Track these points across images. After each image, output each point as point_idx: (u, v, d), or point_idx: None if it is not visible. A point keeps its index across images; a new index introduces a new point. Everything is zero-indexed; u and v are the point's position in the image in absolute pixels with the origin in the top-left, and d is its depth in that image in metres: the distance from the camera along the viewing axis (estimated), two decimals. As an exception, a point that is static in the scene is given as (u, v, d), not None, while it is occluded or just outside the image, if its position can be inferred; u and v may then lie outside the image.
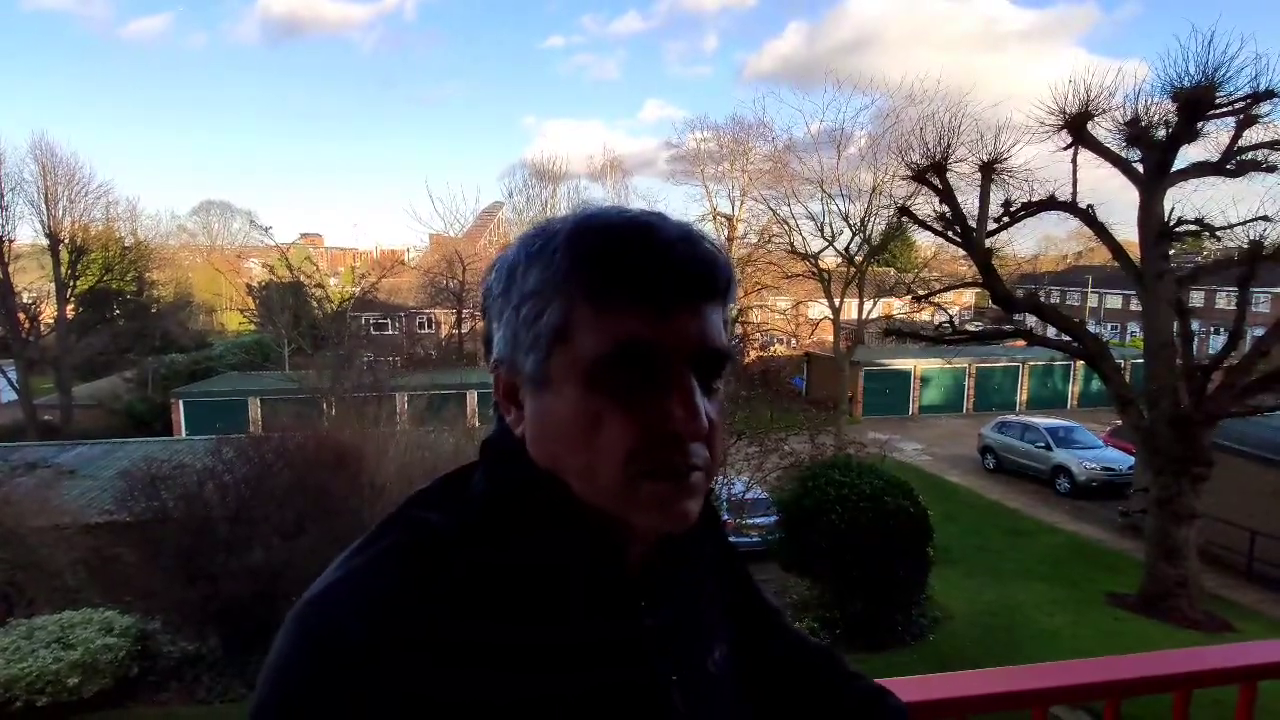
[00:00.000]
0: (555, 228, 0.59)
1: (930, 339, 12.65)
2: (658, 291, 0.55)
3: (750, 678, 0.77)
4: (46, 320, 26.21)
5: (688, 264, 0.57)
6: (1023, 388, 26.88)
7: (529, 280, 0.58)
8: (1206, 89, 9.25)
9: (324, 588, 0.56)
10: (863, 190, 23.12)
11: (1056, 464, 16.67)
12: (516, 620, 0.56)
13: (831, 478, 9.16)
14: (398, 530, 0.60)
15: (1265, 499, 11.58)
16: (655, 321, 0.55)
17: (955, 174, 11.42)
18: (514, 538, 0.58)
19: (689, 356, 0.57)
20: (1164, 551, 9.88)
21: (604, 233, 0.57)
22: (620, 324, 0.55)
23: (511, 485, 0.60)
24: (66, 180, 26.37)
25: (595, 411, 0.56)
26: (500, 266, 0.61)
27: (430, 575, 0.55)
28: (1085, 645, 9.00)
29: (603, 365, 0.55)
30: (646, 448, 0.56)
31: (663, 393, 0.56)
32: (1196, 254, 13.29)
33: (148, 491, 8.12)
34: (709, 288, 0.58)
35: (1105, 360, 10.67)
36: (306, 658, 0.53)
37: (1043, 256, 34.73)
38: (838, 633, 8.72)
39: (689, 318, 0.57)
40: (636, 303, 0.55)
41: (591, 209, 0.59)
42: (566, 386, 0.57)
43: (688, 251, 0.57)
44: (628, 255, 0.55)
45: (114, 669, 7.36)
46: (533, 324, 0.57)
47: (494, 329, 0.61)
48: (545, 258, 0.57)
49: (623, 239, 0.56)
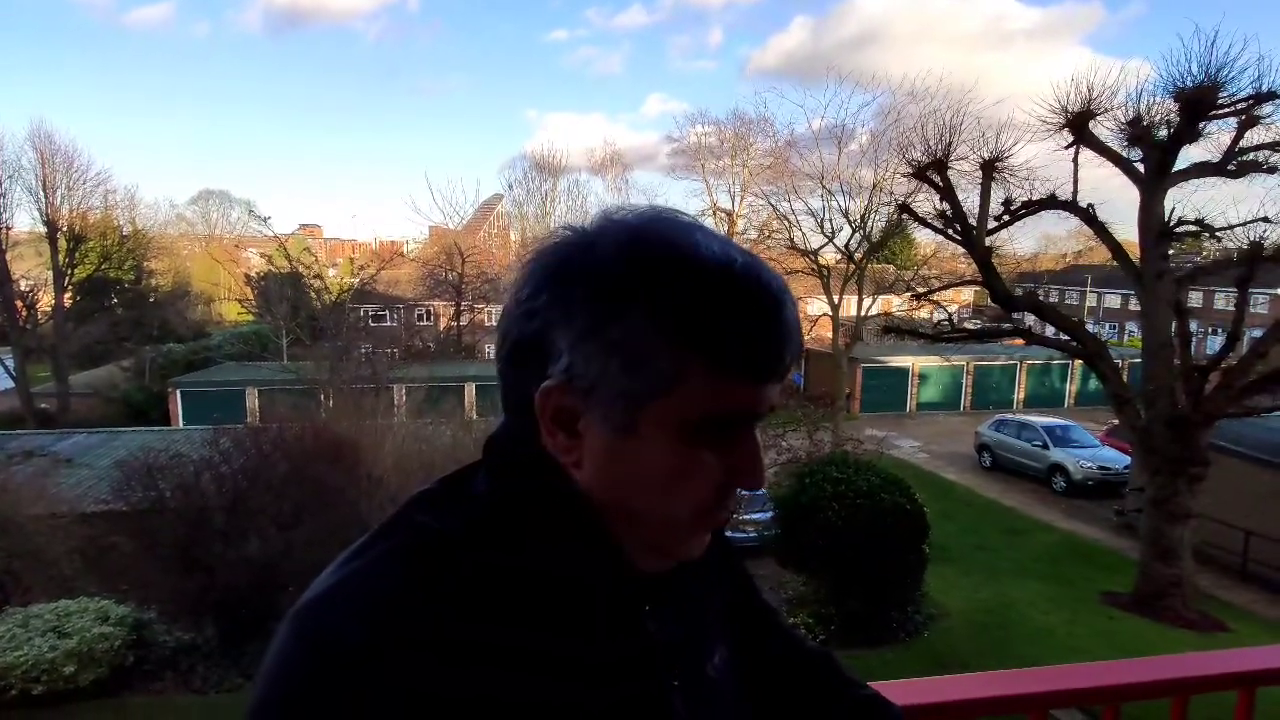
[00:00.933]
0: (656, 261, 0.55)
1: (929, 337, 12.66)
2: (767, 368, 0.57)
3: (748, 680, 0.77)
4: (44, 308, 26.16)
5: (789, 340, 0.57)
6: (1020, 386, 26.93)
7: (634, 318, 0.54)
8: (1209, 89, 9.24)
9: (324, 589, 0.55)
10: (863, 187, 23.13)
11: (1053, 462, 16.72)
12: (521, 624, 0.56)
13: (829, 474, 9.17)
14: (400, 532, 0.59)
15: (1261, 499, 11.62)
16: (757, 390, 0.57)
17: (956, 172, 11.42)
18: (526, 543, 0.58)
19: (760, 416, 0.60)
20: (1159, 551, 9.92)
21: (722, 293, 0.54)
22: (733, 392, 0.56)
23: (529, 492, 0.60)
24: (65, 168, 26.33)
25: (688, 464, 0.57)
26: (588, 279, 0.55)
27: (434, 577, 0.55)
28: (1080, 644, 9.04)
29: (704, 425, 0.56)
30: (723, 499, 0.60)
31: (739, 448, 0.58)
32: (1196, 254, 13.30)
33: (144, 481, 8.12)
34: (795, 359, 0.60)
35: (1103, 360, 10.68)
36: (306, 659, 0.52)
37: (1042, 255, 34.70)
38: (833, 629, 8.74)
39: (777, 385, 0.59)
40: (750, 377, 0.56)
41: (690, 238, 0.56)
42: (659, 436, 0.56)
43: (789, 326, 0.57)
44: (748, 330, 0.55)
45: (110, 658, 7.36)
46: (633, 370, 0.54)
47: (556, 338, 0.55)
48: (655, 304, 0.54)
49: (743, 308, 0.55)
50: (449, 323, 30.55)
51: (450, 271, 29.57)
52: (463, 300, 29.59)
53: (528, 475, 0.60)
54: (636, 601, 0.62)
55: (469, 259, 29.53)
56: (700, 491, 0.58)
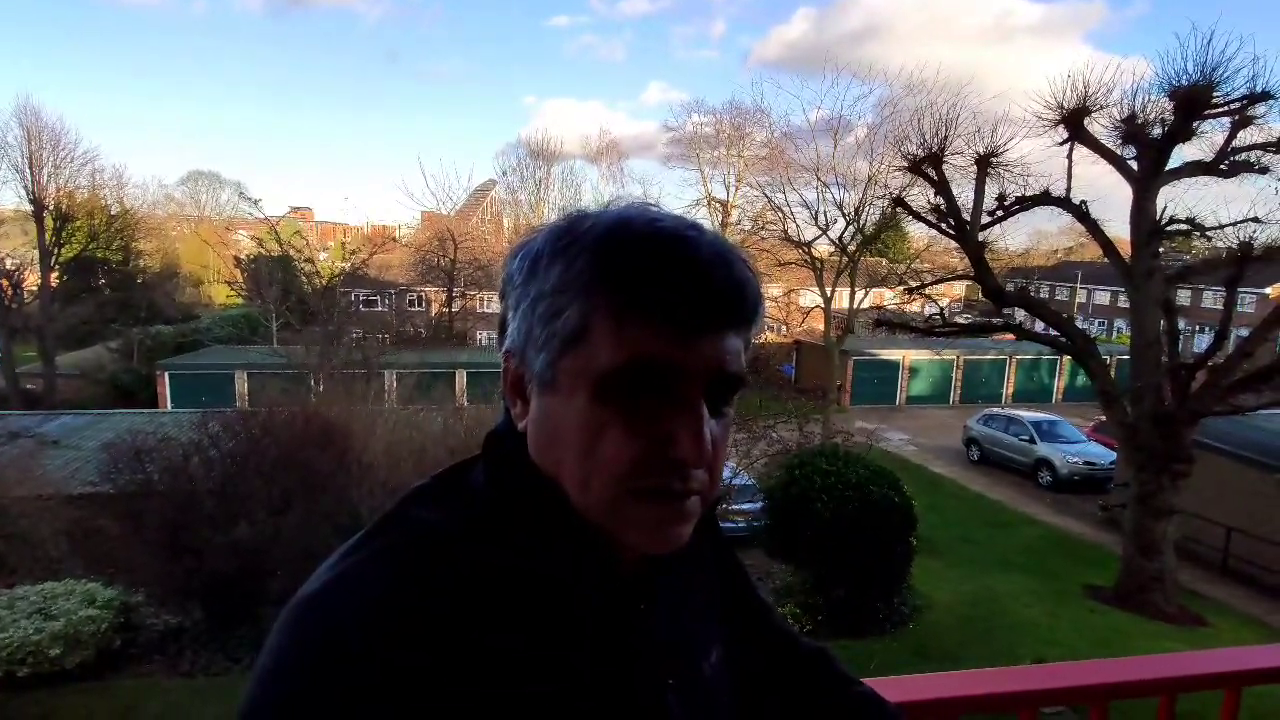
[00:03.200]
0: (586, 224, 0.57)
1: (920, 330, 12.71)
2: (682, 313, 0.54)
3: (744, 677, 0.77)
4: (30, 288, 25.84)
5: (717, 287, 0.55)
6: (1009, 381, 27.11)
7: (551, 275, 0.56)
8: (1204, 88, 9.27)
9: (320, 585, 0.55)
10: (858, 180, 23.10)
11: (1039, 457, 16.86)
12: (517, 623, 0.55)
13: (818, 466, 9.22)
14: (396, 529, 0.58)
15: (1243, 497, 11.77)
16: (676, 342, 0.54)
17: (951, 166, 11.42)
18: (522, 540, 0.58)
19: (704, 380, 0.56)
20: (1141, 546, 10.04)
21: (637, 241, 0.55)
22: (640, 340, 0.54)
23: (513, 486, 0.60)
24: (52, 145, 25.95)
25: (600, 423, 0.55)
26: (524, 254, 0.59)
27: (431, 574, 0.54)
28: (1061, 636, 9.17)
29: (614, 378, 0.54)
30: (645, 468, 0.55)
31: (672, 414, 0.55)
32: (1186, 253, 13.38)
33: (131, 464, 8.06)
34: (735, 313, 0.57)
35: (1092, 356, 10.76)
36: (302, 657, 0.51)
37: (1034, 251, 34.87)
38: (820, 619, 8.82)
39: (710, 342, 0.56)
40: (659, 321, 0.54)
41: (630, 210, 0.58)
42: (575, 392, 0.56)
43: (720, 274, 0.55)
44: (657, 270, 0.54)
45: (96, 640, 7.33)
46: (548, 322, 0.56)
47: (510, 316, 0.60)
48: (571, 255, 0.56)
49: (655, 251, 0.54)
50: (440, 309, 30.40)
51: (442, 257, 29.39)
52: (455, 286, 29.43)
53: (523, 471, 0.59)
54: (629, 600, 0.61)
55: (461, 245, 29.35)
56: (614, 454, 0.54)
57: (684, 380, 0.55)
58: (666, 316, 0.53)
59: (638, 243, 0.55)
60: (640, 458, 0.54)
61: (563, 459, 0.57)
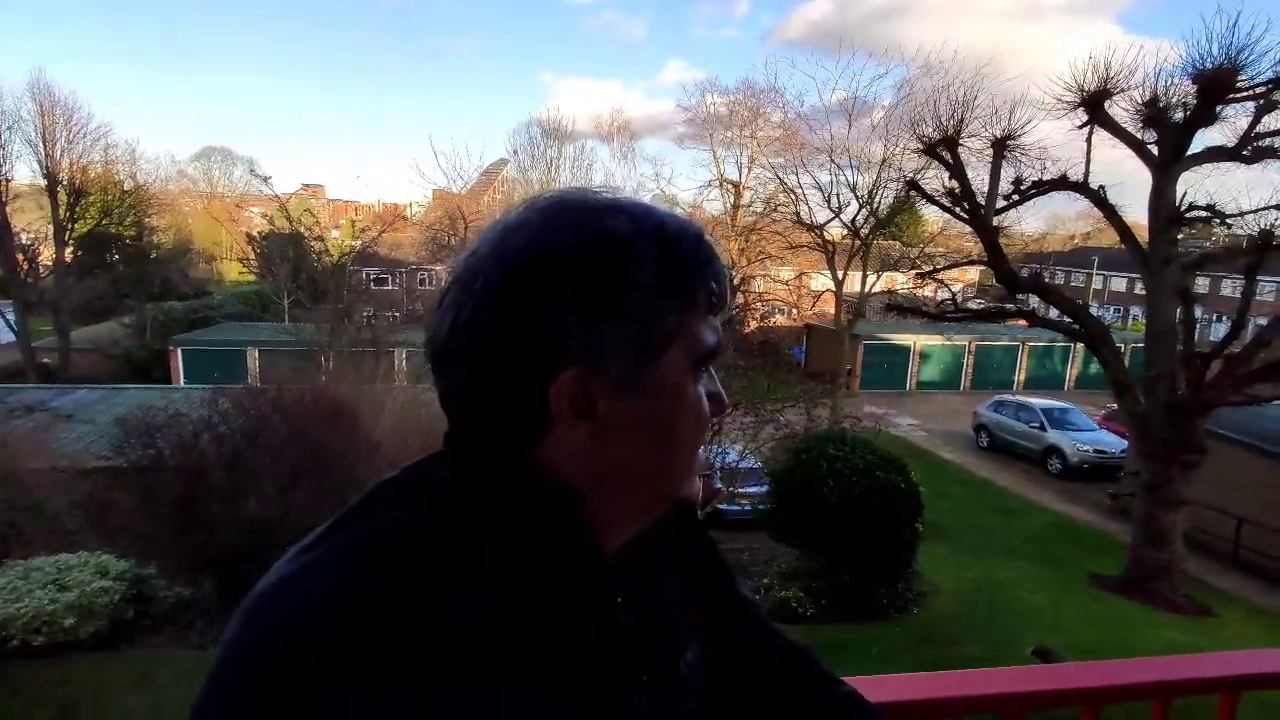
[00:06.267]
0: (646, 226, 0.58)
1: (932, 315, 12.58)
2: (723, 299, 0.62)
3: (724, 674, 0.76)
4: (45, 262, 26.07)
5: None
6: (1021, 367, 26.89)
7: (639, 283, 0.57)
8: (1228, 72, 9.03)
9: (276, 581, 0.53)
10: (872, 162, 22.78)
11: (1049, 444, 16.77)
12: (488, 621, 0.54)
13: (825, 450, 9.19)
14: (363, 522, 0.56)
15: (1255, 488, 11.66)
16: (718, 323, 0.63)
17: (967, 149, 11.24)
18: (501, 536, 0.56)
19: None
20: (1150, 535, 9.98)
21: (694, 238, 0.60)
22: (712, 327, 0.61)
23: (505, 484, 0.57)
24: (65, 120, 26.00)
25: (695, 405, 0.61)
26: (572, 265, 0.56)
27: (395, 573, 0.52)
28: (1066, 624, 9.14)
29: (704, 361, 0.61)
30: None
31: (709, 380, 0.63)
32: (1205, 240, 13.15)
33: (144, 439, 8.16)
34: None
35: (1105, 344, 10.63)
36: (258, 654, 0.50)
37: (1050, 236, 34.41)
38: (823, 603, 8.84)
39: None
40: (720, 308, 0.62)
41: (633, 204, 0.61)
42: (682, 383, 0.60)
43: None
44: (718, 266, 0.61)
45: (109, 611, 7.46)
46: (645, 327, 0.57)
47: (558, 323, 0.55)
48: (669, 256, 0.58)
49: (710, 250, 0.61)
50: (451, 287, 30.36)
51: (453, 236, 29.36)
52: (465, 265, 29.32)
53: (505, 466, 0.57)
54: (609, 594, 0.60)
55: (472, 224, 29.28)
56: (703, 427, 0.62)
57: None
58: (720, 303, 0.61)
59: (695, 240, 0.60)
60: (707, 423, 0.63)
61: (676, 452, 0.61)
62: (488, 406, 0.57)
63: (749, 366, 13.04)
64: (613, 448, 0.57)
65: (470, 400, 0.58)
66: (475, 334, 0.56)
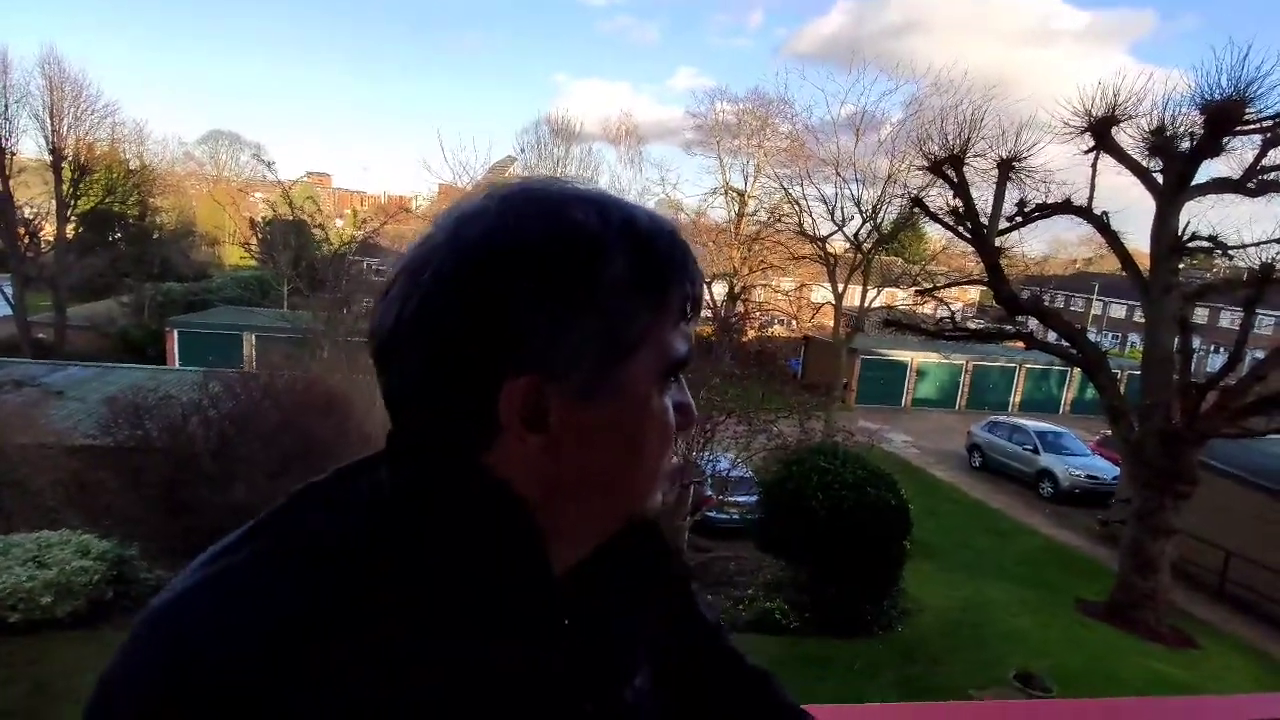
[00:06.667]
0: (614, 220, 0.53)
1: (930, 333, 12.57)
2: (698, 303, 0.58)
3: (679, 701, 0.73)
4: (47, 238, 25.99)
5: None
6: (1017, 389, 26.90)
7: (607, 278, 0.52)
8: (1236, 104, 9.05)
9: (180, 591, 0.48)
10: (878, 177, 22.80)
11: (1042, 468, 16.75)
12: (420, 640, 0.49)
13: (816, 463, 9.16)
14: (282, 530, 0.51)
15: (1245, 521, 11.65)
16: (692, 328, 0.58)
17: (972, 169, 11.24)
18: (440, 549, 0.51)
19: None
20: (1138, 564, 9.96)
21: (669, 236, 0.56)
22: (686, 332, 0.57)
23: (449, 492, 0.52)
24: (73, 96, 25.92)
25: (661, 415, 0.56)
26: (548, 253, 0.51)
27: (320, 585, 0.47)
28: (1050, 648, 9.11)
29: (671, 370, 0.56)
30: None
31: (677, 390, 0.59)
32: (1206, 271, 13.16)
33: (131, 420, 8.10)
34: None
35: (1102, 370, 10.63)
36: (145, 671, 0.45)
37: (1052, 259, 34.45)
38: (807, 615, 8.80)
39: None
40: (693, 311, 0.57)
41: (600, 195, 0.56)
42: (647, 392, 0.55)
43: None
44: (694, 266, 0.57)
45: (88, 591, 7.39)
46: (618, 325, 0.53)
47: (524, 326, 0.50)
48: (641, 254, 0.54)
49: (686, 250, 0.57)
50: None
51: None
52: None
53: (450, 469, 0.52)
54: (557, 616, 0.56)
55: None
56: (669, 439, 0.57)
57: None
58: (695, 308, 0.57)
59: (669, 238, 0.56)
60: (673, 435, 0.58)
61: (637, 465, 0.56)
62: (433, 408, 0.52)
63: (745, 375, 13.00)
64: (568, 459, 0.53)
65: (414, 400, 0.53)
66: (422, 328, 0.51)
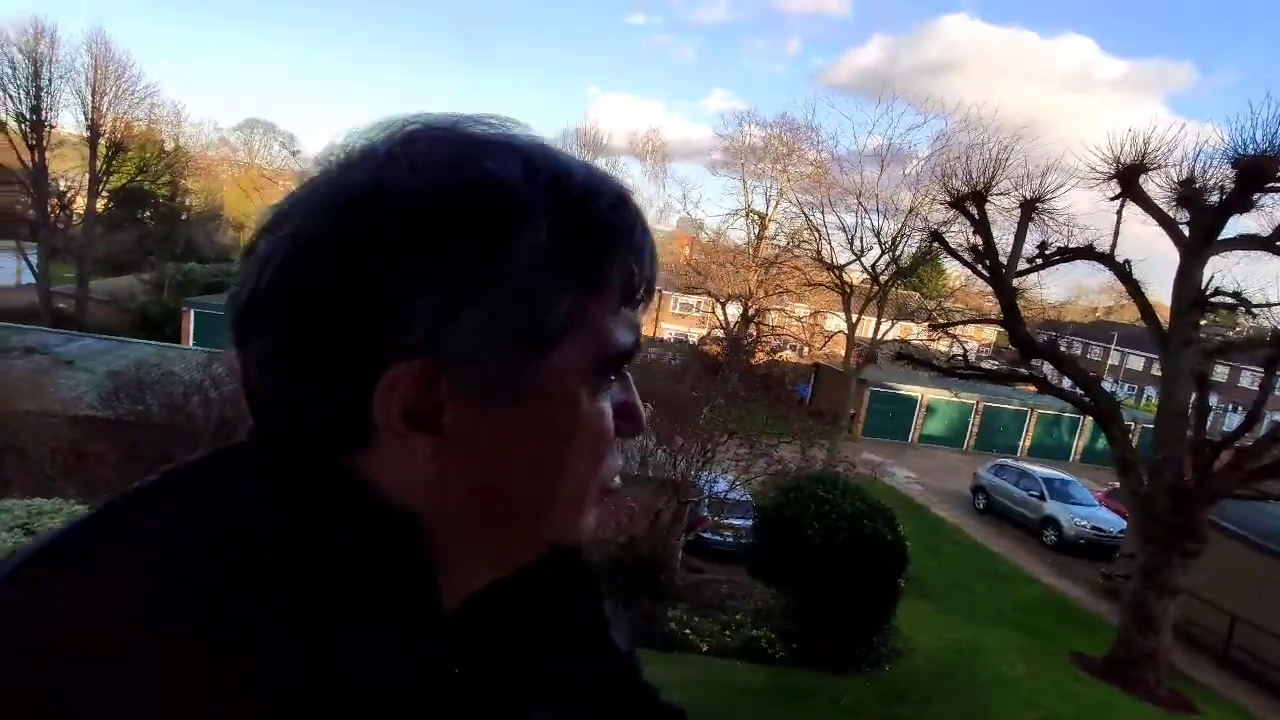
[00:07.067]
0: (542, 178, 0.43)
1: (942, 370, 12.42)
2: (651, 286, 0.48)
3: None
4: (77, 211, 26.46)
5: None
6: (1028, 433, 26.58)
7: (523, 252, 0.41)
8: (1269, 160, 8.91)
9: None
10: (900, 210, 22.75)
11: (1047, 515, 16.48)
12: (282, 655, 0.39)
13: (814, 491, 9.01)
14: (101, 542, 0.40)
15: (1252, 585, 11.36)
16: (640, 316, 0.48)
17: (995, 207, 11.14)
18: (310, 570, 0.40)
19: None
20: (1140, 621, 9.70)
21: (615, 199, 0.45)
22: (629, 320, 0.46)
23: (323, 503, 0.42)
24: (116, 76, 26.47)
25: (594, 418, 0.46)
26: (451, 210, 0.41)
27: (151, 611, 0.37)
28: (1042, 700, 8.87)
29: (614, 365, 0.46)
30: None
31: (621, 387, 0.48)
32: (1228, 328, 12.95)
33: (133, 394, 8.14)
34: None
35: (1115, 421, 10.44)
36: None
37: (1071, 305, 34.10)
38: (794, 646, 8.64)
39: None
40: (645, 294, 0.47)
41: (535, 147, 0.45)
42: (573, 392, 0.44)
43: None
44: (644, 237, 0.46)
45: (75, 563, 7.39)
46: (542, 307, 0.42)
47: (413, 300, 0.40)
48: (573, 218, 0.43)
49: (636, 216, 0.46)
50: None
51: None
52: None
53: (317, 478, 0.42)
54: (445, 659, 0.46)
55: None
56: (604, 450, 0.47)
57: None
58: (646, 290, 0.47)
59: (615, 200, 0.45)
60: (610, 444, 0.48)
61: (559, 481, 0.45)
62: (294, 398, 0.42)
63: (751, 397, 12.90)
64: (466, 469, 0.43)
65: (273, 386, 0.43)
66: (283, 297, 0.41)
